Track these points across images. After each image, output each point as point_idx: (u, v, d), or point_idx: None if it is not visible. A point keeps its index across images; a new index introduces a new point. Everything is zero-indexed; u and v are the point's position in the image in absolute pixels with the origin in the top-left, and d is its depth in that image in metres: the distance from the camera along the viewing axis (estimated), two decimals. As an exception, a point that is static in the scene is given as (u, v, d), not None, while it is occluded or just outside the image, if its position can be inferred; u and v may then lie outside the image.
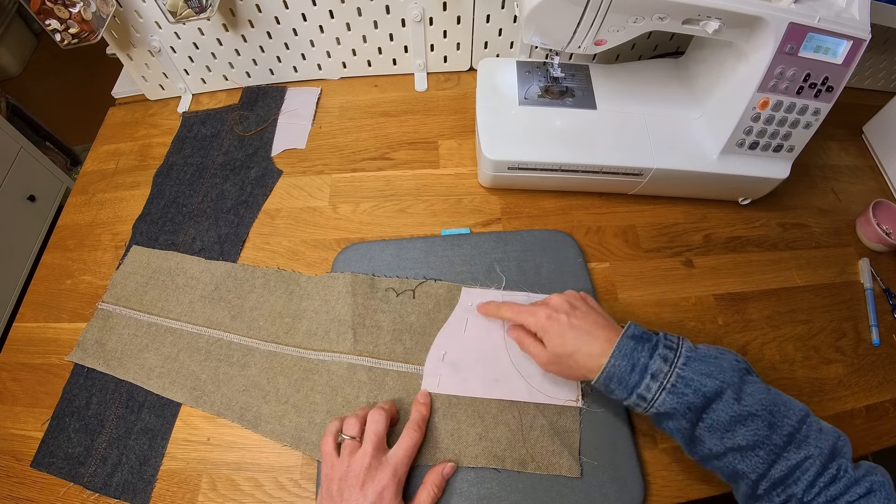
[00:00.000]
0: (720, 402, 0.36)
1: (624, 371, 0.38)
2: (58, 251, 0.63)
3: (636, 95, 0.61)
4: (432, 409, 0.47)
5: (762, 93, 0.50)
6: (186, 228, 0.62)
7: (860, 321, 0.55)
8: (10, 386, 0.54)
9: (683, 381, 0.37)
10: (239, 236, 0.60)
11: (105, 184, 0.68)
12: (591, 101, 0.60)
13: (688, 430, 0.37)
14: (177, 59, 0.70)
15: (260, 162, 0.66)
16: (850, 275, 0.59)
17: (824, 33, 0.46)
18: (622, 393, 0.39)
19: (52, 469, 0.48)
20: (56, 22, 0.58)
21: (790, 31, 0.46)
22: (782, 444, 0.35)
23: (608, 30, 0.48)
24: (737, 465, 0.36)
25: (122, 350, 0.53)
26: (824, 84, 0.49)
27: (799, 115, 0.51)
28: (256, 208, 0.62)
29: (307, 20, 0.66)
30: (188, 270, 0.58)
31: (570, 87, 0.61)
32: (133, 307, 0.56)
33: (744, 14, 0.46)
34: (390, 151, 0.67)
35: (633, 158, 0.55)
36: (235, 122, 0.71)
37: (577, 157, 0.56)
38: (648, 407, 0.38)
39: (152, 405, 0.50)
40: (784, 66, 0.48)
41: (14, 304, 1.22)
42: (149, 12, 0.64)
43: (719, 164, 0.56)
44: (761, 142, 0.54)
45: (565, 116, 0.59)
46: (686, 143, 0.57)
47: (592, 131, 0.58)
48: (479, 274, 0.55)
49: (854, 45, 0.47)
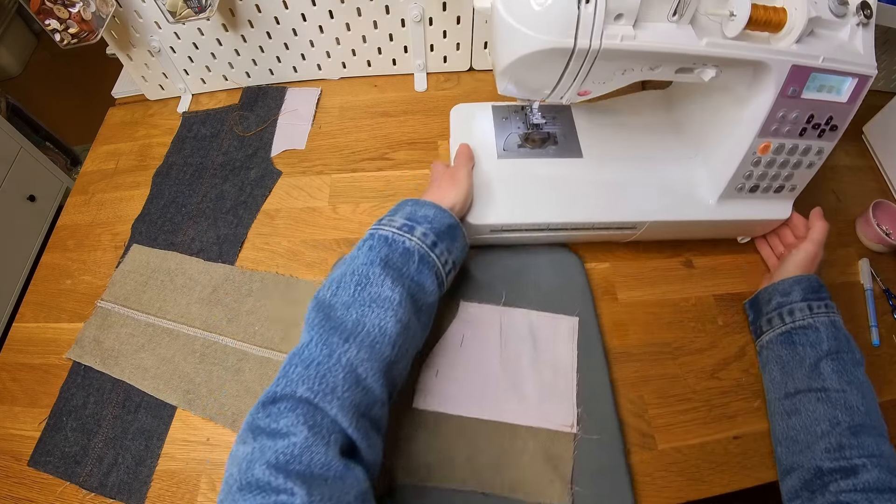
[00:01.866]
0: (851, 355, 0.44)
1: (814, 286, 0.48)
2: (57, 251, 0.63)
3: (624, 137, 0.57)
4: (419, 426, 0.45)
5: (763, 137, 0.47)
6: (185, 229, 0.62)
7: (860, 322, 0.55)
8: (10, 386, 0.54)
9: (839, 324, 0.46)
10: (238, 237, 0.60)
11: (105, 184, 0.68)
12: (576, 147, 0.56)
13: (815, 356, 0.44)
14: (176, 59, 0.70)
15: (259, 163, 0.66)
16: (850, 275, 0.59)
17: (828, 72, 0.43)
18: (799, 294, 0.47)
19: (49, 468, 0.48)
20: (56, 22, 0.58)
21: (792, 73, 0.43)
22: None
23: (593, 81, 0.43)
24: None
25: (118, 349, 0.53)
26: (828, 123, 0.46)
27: (802, 156, 0.49)
28: (255, 209, 0.62)
29: (307, 20, 0.66)
30: (187, 271, 0.58)
31: (552, 132, 0.57)
32: (131, 306, 0.56)
33: (743, 60, 0.42)
34: (390, 152, 0.67)
35: (624, 212, 0.52)
36: (235, 122, 0.71)
37: (565, 214, 0.52)
38: (811, 315, 0.46)
39: (149, 405, 0.50)
40: (786, 109, 0.45)
41: (14, 305, 1.22)
42: (148, 12, 0.64)
43: (717, 210, 0.52)
44: (762, 185, 0.51)
45: (549, 168, 0.55)
46: (680, 190, 0.53)
47: (579, 183, 0.54)
48: (479, 287, 0.53)
49: (859, 82, 0.44)
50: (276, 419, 0.30)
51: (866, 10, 0.42)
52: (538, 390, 0.47)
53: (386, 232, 0.40)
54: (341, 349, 0.33)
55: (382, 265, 0.37)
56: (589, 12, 0.37)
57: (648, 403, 0.49)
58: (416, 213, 0.43)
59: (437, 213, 0.44)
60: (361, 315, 0.35)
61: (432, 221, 0.43)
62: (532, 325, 0.51)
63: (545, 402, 0.47)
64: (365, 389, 0.32)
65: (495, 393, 0.47)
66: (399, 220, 0.42)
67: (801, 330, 0.46)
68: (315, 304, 0.36)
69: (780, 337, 0.48)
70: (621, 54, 0.40)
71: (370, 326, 0.35)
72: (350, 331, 0.34)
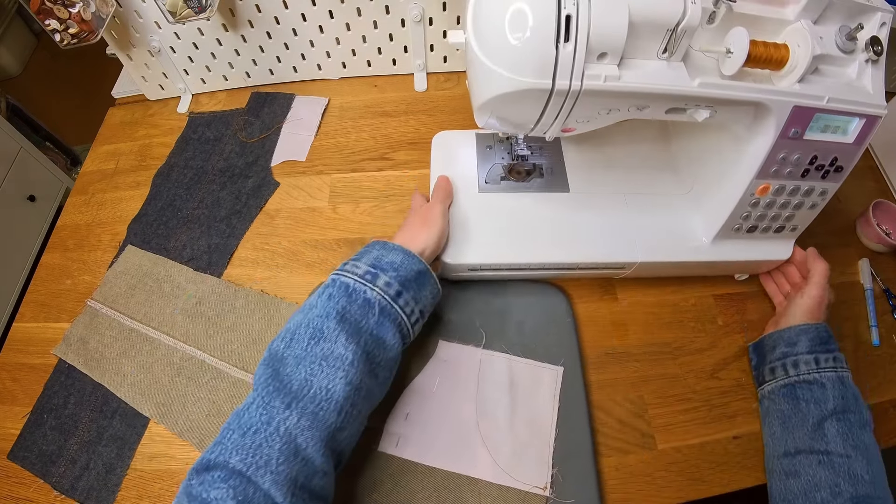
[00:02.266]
0: (855, 416, 0.41)
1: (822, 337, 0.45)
2: (58, 251, 0.63)
3: (614, 171, 0.54)
4: (383, 472, 0.43)
5: (762, 179, 0.44)
6: (178, 234, 0.61)
7: (860, 322, 0.55)
8: (10, 386, 0.54)
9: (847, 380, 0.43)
10: (228, 248, 0.59)
11: (105, 184, 0.68)
12: (563, 180, 0.53)
13: (819, 415, 0.42)
14: (176, 59, 0.70)
15: (258, 172, 0.66)
16: (850, 275, 0.59)
17: (834, 113, 0.40)
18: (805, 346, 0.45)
19: (26, 463, 0.49)
20: (56, 22, 0.58)
21: (794, 114, 0.39)
22: None
23: (576, 120, 0.40)
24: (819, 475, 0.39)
25: (101, 352, 0.53)
26: (833, 165, 0.43)
27: (804, 198, 0.46)
28: (249, 220, 0.62)
29: (307, 20, 0.66)
30: (176, 279, 0.57)
31: (538, 164, 0.54)
32: (119, 309, 0.56)
33: (741, 100, 0.39)
34: (390, 152, 0.67)
35: (613, 252, 0.49)
36: (240, 127, 0.70)
37: (548, 254, 0.49)
38: (818, 370, 0.43)
39: (124, 414, 0.50)
40: (787, 151, 0.42)
41: (14, 304, 1.22)
42: (148, 12, 0.64)
43: (712, 250, 0.50)
44: (760, 225, 0.48)
45: (533, 203, 0.52)
46: (673, 228, 0.50)
47: (565, 220, 0.51)
48: (459, 325, 0.51)
49: (867, 122, 0.41)
50: (208, 489, 0.29)
51: (876, 47, 0.39)
52: (512, 445, 0.44)
53: (348, 279, 0.38)
54: (281, 416, 0.31)
55: (339, 319, 0.35)
56: (568, 52, 0.34)
57: (648, 403, 0.49)
58: (382, 260, 0.40)
59: (404, 260, 0.41)
60: (310, 374, 0.33)
61: (398, 269, 0.40)
62: (512, 373, 0.48)
63: (519, 458, 0.44)
64: (304, 460, 0.31)
65: (466, 444, 0.44)
66: (363, 267, 0.39)
67: (806, 385, 0.44)
68: (268, 355, 0.35)
69: (784, 389, 0.45)
70: (605, 94, 0.37)
71: (317, 389, 0.33)
72: (294, 394, 0.32)
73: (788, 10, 0.39)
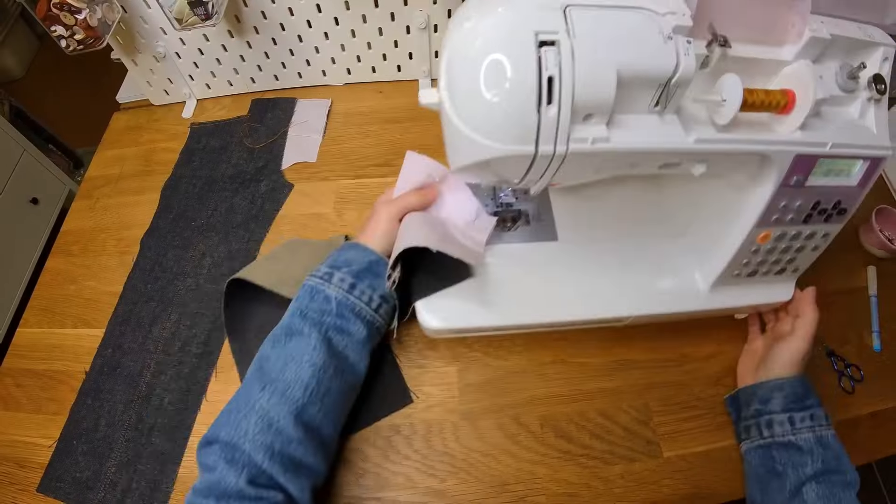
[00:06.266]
0: None
1: (798, 393, 0.43)
2: (62, 256, 0.63)
3: (605, 217, 0.51)
4: None
5: (762, 227, 0.42)
6: (195, 244, 0.61)
7: (864, 328, 0.55)
8: (14, 392, 0.54)
9: (827, 440, 0.41)
10: (250, 252, 0.59)
11: (110, 189, 0.69)
12: (551, 228, 0.50)
13: (796, 480, 0.40)
14: (181, 65, 0.71)
15: (270, 175, 0.66)
16: (853, 281, 0.59)
17: (837, 157, 0.38)
18: (779, 404, 0.43)
19: (60, 494, 0.47)
20: (62, 28, 0.58)
21: (797, 163, 0.37)
22: None
23: (563, 177, 0.37)
24: None
25: None
26: (836, 208, 0.41)
27: (806, 241, 0.44)
28: (267, 223, 0.62)
29: (312, 27, 0.67)
30: None
31: (523, 210, 0.51)
32: None
33: (739, 153, 0.36)
34: (395, 158, 0.67)
35: (605, 307, 0.46)
36: (245, 133, 0.70)
37: (536, 315, 0.46)
38: (793, 431, 0.41)
39: (162, 428, 0.50)
40: (789, 199, 0.40)
41: (16, 308, 1.22)
42: (154, 18, 0.64)
43: (711, 298, 0.47)
44: (761, 270, 0.46)
45: (519, 254, 0.48)
46: (669, 276, 0.48)
47: (554, 275, 0.47)
48: None
49: (871, 164, 0.39)
50: (207, 457, 0.37)
51: (879, 85, 0.37)
52: None
53: (311, 282, 0.44)
54: (256, 396, 0.38)
55: (302, 315, 0.42)
56: (551, 116, 0.30)
57: (654, 411, 0.49)
58: (339, 258, 0.45)
59: (356, 254, 0.45)
60: (283, 363, 0.40)
61: (351, 263, 0.44)
62: None
63: None
64: (278, 431, 0.37)
65: None
66: (322, 269, 0.44)
67: (782, 447, 0.41)
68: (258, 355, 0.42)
69: (759, 451, 0.43)
70: (594, 155, 0.33)
71: (287, 373, 0.39)
72: (269, 379, 0.39)
73: (785, 51, 0.37)
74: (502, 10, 0.31)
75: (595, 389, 0.50)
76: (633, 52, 0.31)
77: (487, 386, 0.50)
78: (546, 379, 0.50)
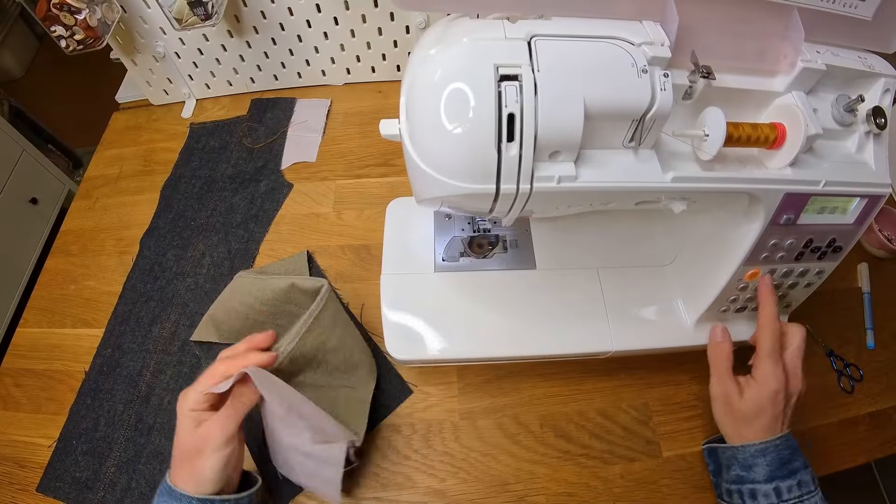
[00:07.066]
0: None
1: (783, 457, 0.38)
2: (61, 256, 0.63)
3: (587, 245, 0.49)
4: None
5: (750, 265, 0.39)
6: (195, 244, 0.61)
7: (861, 328, 0.55)
8: (14, 392, 0.54)
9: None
10: (249, 252, 0.59)
11: (109, 189, 0.69)
12: (530, 255, 0.48)
13: None
14: (181, 65, 0.71)
15: (269, 175, 0.66)
16: (851, 281, 0.59)
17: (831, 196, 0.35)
18: (763, 472, 0.38)
19: (59, 494, 0.47)
20: (61, 28, 0.58)
21: (787, 201, 0.35)
22: None
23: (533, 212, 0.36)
24: None
25: None
26: (830, 246, 0.38)
27: (798, 279, 0.41)
28: (267, 223, 0.62)
29: (312, 27, 0.67)
30: None
31: (501, 235, 0.49)
32: None
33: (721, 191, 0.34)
34: (394, 158, 0.67)
35: (585, 342, 0.44)
36: (244, 133, 0.70)
37: (512, 348, 0.44)
38: None
39: (161, 427, 0.49)
40: (779, 237, 0.37)
41: (15, 308, 1.22)
42: (154, 18, 0.64)
43: (697, 334, 0.45)
44: (750, 306, 0.43)
45: (495, 282, 0.46)
46: (653, 309, 0.46)
47: (531, 305, 0.46)
48: None
49: (869, 202, 0.36)
50: None
51: (879, 119, 0.34)
52: None
53: None
54: None
55: None
56: (512, 155, 0.28)
57: (653, 410, 0.49)
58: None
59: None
60: None
61: None
62: None
63: None
64: None
65: None
66: None
67: None
68: None
69: None
70: (562, 194, 0.31)
71: None
72: None
73: (777, 81, 0.34)
74: (466, 40, 0.29)
75: (594, 389, 0.50)
76: (602, 87, 0.28)
77: (487, 386, 0.50)
78: (545, 378, 0.50)
